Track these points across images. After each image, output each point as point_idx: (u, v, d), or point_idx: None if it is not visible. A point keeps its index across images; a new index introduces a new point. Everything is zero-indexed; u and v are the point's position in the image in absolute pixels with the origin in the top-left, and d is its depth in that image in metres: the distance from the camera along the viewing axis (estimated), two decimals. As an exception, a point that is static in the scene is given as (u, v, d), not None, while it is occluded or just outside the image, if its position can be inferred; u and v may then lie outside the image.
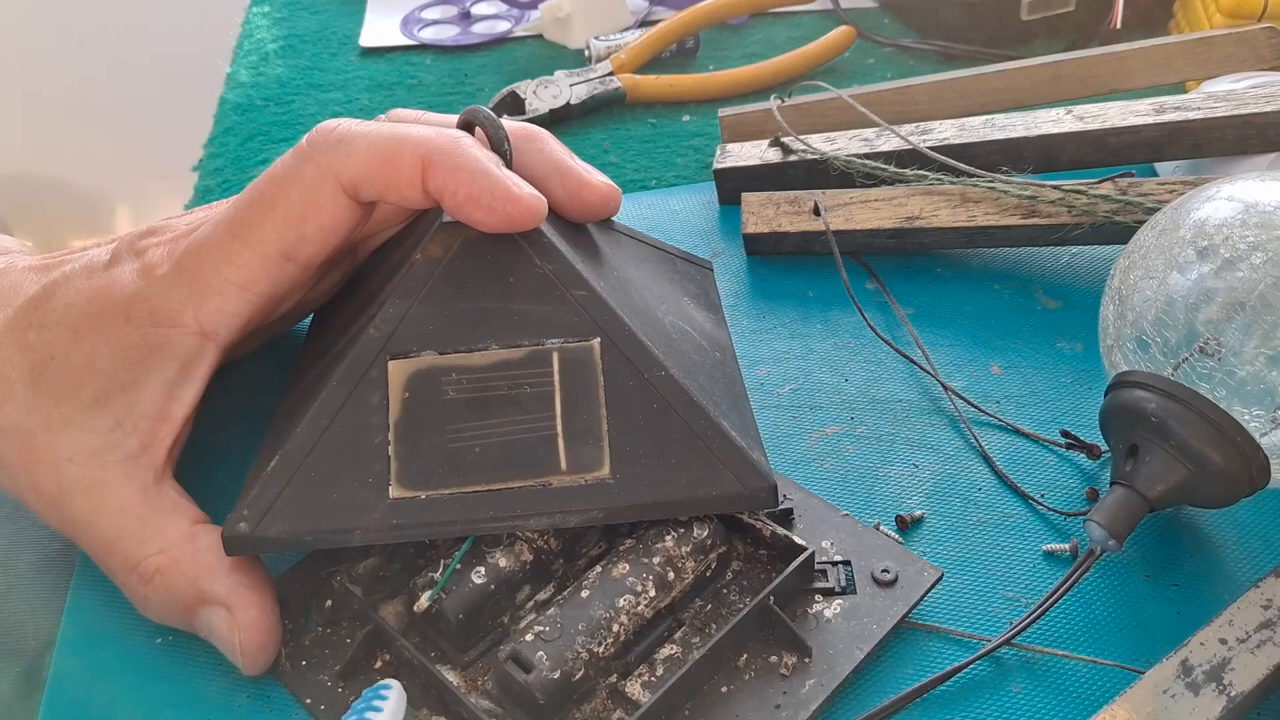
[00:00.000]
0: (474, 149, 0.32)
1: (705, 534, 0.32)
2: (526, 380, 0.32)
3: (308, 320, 0.43)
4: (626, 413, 0.31)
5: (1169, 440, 0.32)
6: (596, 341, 0.32)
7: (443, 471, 0.31)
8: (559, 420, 0.31)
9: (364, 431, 0.31)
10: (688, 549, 0.32)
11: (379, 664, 0.32)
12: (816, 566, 0.33)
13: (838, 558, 0.34)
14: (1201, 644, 0.30)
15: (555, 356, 0.32)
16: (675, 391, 0.32)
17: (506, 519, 0.31)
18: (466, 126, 0.35)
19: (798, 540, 0.33)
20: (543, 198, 0.32)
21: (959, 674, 0.31)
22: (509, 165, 0.33)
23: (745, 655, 0.31)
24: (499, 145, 0.34)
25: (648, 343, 0.32)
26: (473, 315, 0.32)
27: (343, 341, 0.34)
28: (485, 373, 0.32)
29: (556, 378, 0.32)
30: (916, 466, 0.39)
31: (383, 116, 0.37)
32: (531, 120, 0.63)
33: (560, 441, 0.31)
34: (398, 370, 0.31)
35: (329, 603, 0.33)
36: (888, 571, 0.33)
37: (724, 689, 0.31)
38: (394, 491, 0.30)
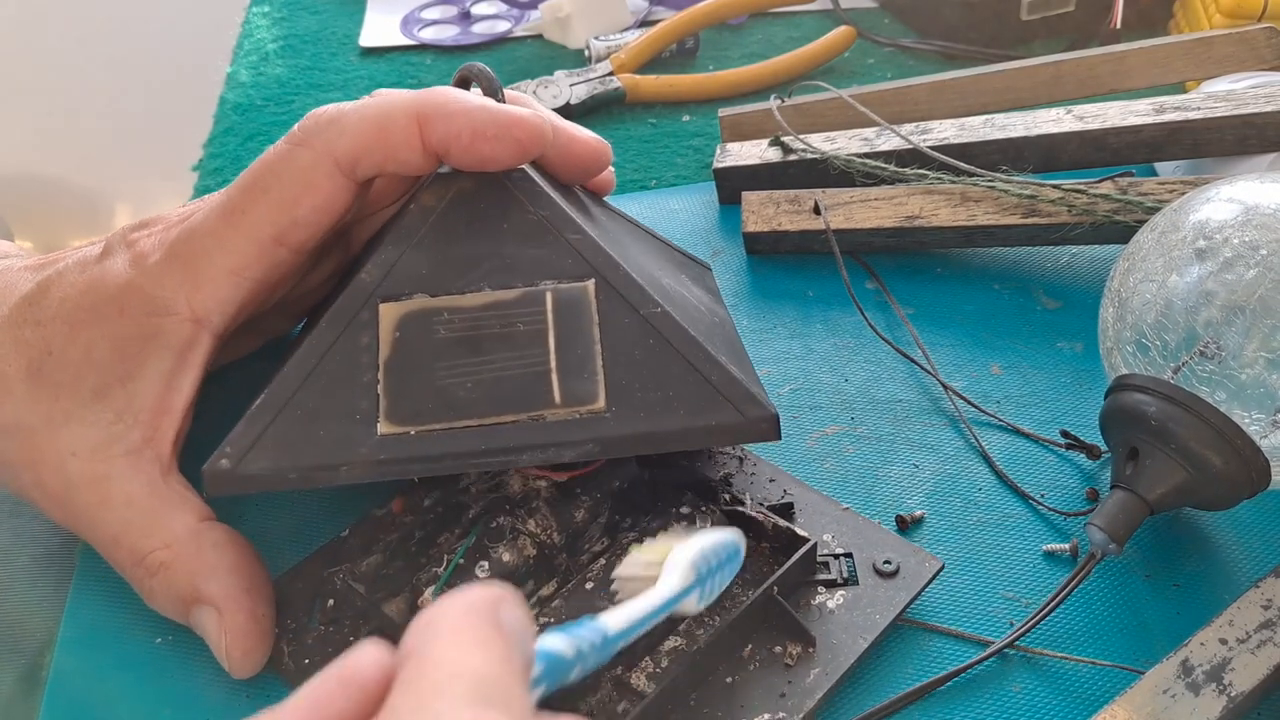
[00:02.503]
0: (464, 94, 0.33)
1: (708, 526, 0.32)
2: (519, 319, 0.31)
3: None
4: (622, 347, 0.31)
5: (1169, 443, 0.32)
6: (591, 283, 0.32)
7: (433, 408, 0.30)
8: (552, 355, 0.31)
9: (353, 370, 0.31)
10: None
11: (381, 662, 0.32)
12: (818, 558, 0.34)
13: (839, 550, 0.34)
14: (1201, 644, 0.30)
15: (549, 296, 0.32)
16: (672, 327, 0.31)
17: (498, 454, 0.30)
18: (462, 83, 0.35)
19: (800, 532, 0.33)
20: (544, 113, 0.32)
21: (960, 675, 0.31)
22: None
23: (750, 646, 0.31)
24: (493, 97, 0.34)
25: (642, 283, 0.32)
26: (466, 260, 0.32)
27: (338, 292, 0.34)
28: (478, 312, 0.31)
29: (550, 316, 0.31)
30: (916, 466, 0.39)
31: (367, 97, 0.37)
32: (531, 120, 0.63)
33: (554, 376, 0.31)
34: (389, 312, 0.31)
35: (331, 602, 0.33)
36: (889, 563, 0.33)
37: (729, 679, 0.31)
38: (382, 428, 0.30)
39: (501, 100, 0.34)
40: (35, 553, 0.37)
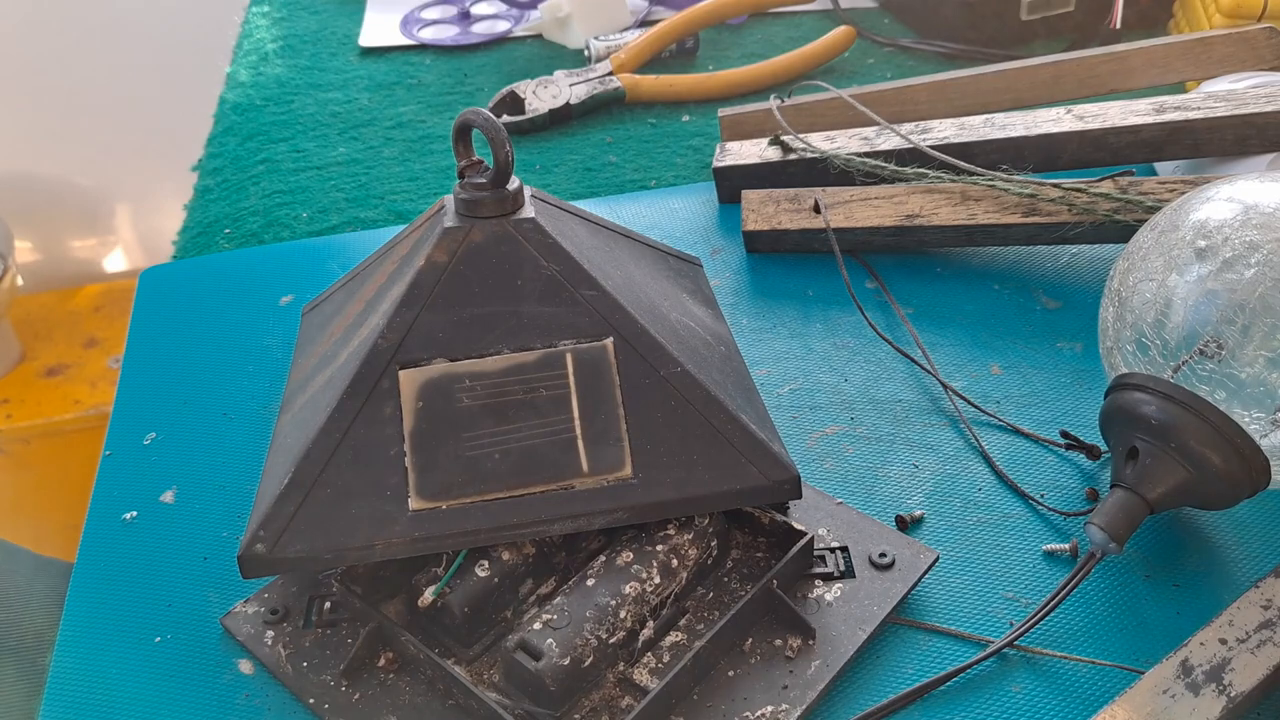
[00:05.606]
0: None
1: (706, 520, 0.33)
2: (541, 383, 0.32)
3: (296, 325, 0.42)
4: (645, 411, 0.32)
5: (1169, 443, 0.32)
6: (609, 341, 0.32)
7: (462, 480, 0.31)
8: (577, 422, 0.31)
9: (379, 443, 0.31)
10: (690, 536, 0.32)
11: (382, 661, 0.32)
12: (815, 552, 0.34)
13: (835, 543, 0.34)
14: (1201, 644, 0.30)
15: (569, 358, 0.32)
16: (692, 387, 0.32)
17: (530, 525, 0.30)
18: (465, 128, 0.35)
19: (796, 525, 0.33)
20: None
21: (961, 674, 0.31)
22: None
23: (750, 640, 0.32)
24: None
25: (660, 340, 0.32)
26: (482, 320, 0.32)
27: (346, 351, 0.34)
28: (499, 378, 0.32)
29: (572, 379, 0.32)
30: (916, 466, 0.39)
31: None
32: (531, 120, 0.63)
33: (580, 443, 0.31)
34: (409, 379, 0.31)
35: (328, 605, 0.33)
36: (885, 555, 0.34)
37: (730, 673, 0.31)
38: (414, 504, 0.30)
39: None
40: (35, 554, 0.37)
